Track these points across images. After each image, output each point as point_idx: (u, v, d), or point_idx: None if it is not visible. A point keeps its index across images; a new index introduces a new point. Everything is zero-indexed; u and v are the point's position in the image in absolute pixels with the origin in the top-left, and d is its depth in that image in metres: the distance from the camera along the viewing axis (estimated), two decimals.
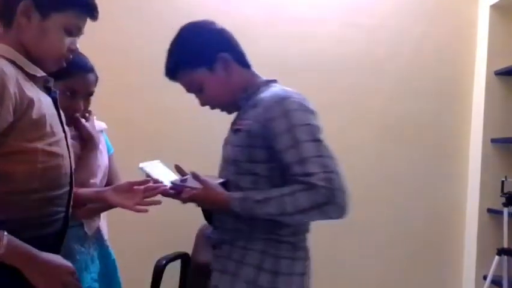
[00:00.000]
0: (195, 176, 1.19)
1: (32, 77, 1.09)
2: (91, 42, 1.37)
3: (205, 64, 1.22)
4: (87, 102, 1.41)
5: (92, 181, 1.44)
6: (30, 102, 1.03)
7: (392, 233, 2.78)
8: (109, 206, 1.39)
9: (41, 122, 1.05)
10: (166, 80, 1.32)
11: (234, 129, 1.24)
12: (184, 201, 1.21)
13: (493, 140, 2.73)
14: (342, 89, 2.76)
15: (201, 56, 1.23)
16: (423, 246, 2.80)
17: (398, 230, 2.80)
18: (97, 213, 1.48)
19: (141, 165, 1.30)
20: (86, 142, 1.43)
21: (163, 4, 2.67)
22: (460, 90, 2.87)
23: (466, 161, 2.86)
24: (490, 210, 2.71)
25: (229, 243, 1.23)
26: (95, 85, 1.41)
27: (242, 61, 1.27)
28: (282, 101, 1.14)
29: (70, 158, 1.16)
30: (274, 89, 1.21)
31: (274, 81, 1.29)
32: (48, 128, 1.07)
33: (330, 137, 1.41)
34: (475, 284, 2.71)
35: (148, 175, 1.28)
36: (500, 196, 2.48)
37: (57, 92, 1.17)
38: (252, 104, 1.21)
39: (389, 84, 2.81)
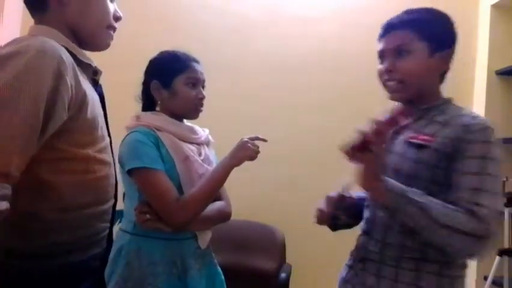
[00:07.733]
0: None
1: (82, 67, 0.92)
2: None
3: (434, 44, 1.16)
4: (203, 91, 1.44)
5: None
6: (85, 98, 0.87)
7: None
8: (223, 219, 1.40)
9: (94, 123, 0.90)
10: None
11: (416, 144, 1.14)
12: (355, 158, 1.09)
13: None
14: (342, 89, 2.75)
15: (438, 37, 1.18)
16: None
17: None
18: (212, 223, 1.39)
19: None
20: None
21: (164, 3, 2.67)
22: (460, 90, 2.85)
23: None
24: None
25: (395, 262, 1.13)
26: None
27: (443, 75, 1.26)
28: (486, 129, 1.11)
29: (114, 165, 1.02)
30: (470, 112, 1.17)
31: (450, 100, 1.26)
32: (99, 131, 0.92)
33: (330, 136, 1.41)
34: (475, 284, 2.70)
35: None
36: None
37: (102, 87, 1.06)
38: (441, 120, 1.15)
39: None
